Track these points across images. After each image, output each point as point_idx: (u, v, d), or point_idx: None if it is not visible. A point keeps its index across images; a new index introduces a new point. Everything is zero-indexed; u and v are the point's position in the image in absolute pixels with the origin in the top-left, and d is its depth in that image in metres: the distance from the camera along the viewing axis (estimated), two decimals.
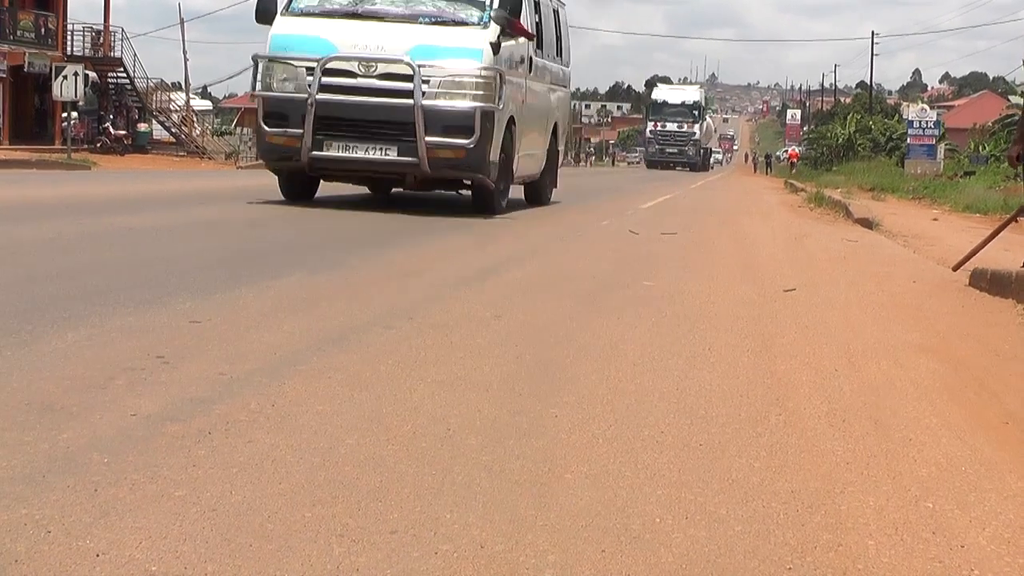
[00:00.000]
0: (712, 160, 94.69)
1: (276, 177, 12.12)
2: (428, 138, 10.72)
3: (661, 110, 69.39)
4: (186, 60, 44.81)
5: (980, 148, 39.09)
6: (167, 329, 4.30)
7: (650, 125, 70.24)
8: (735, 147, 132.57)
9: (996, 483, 2.94)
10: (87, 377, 3.43)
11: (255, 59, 11.52)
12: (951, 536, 2.51)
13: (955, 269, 7.75)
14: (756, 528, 2.47)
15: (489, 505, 2.51)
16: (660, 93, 72.87)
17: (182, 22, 45.24)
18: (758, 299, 6.33)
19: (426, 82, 10.78)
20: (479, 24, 11.32)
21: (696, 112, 68.65)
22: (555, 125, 14.66)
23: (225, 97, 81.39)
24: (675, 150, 67.40)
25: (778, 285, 6.95)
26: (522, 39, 12.25)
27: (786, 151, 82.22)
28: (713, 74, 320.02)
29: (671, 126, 68.00)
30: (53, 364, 3.58)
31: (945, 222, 15.95)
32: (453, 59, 11.01)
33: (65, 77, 27.83)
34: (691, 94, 72.10)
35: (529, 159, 13.24)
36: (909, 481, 2.91)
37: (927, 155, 35.88)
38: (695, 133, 68.01)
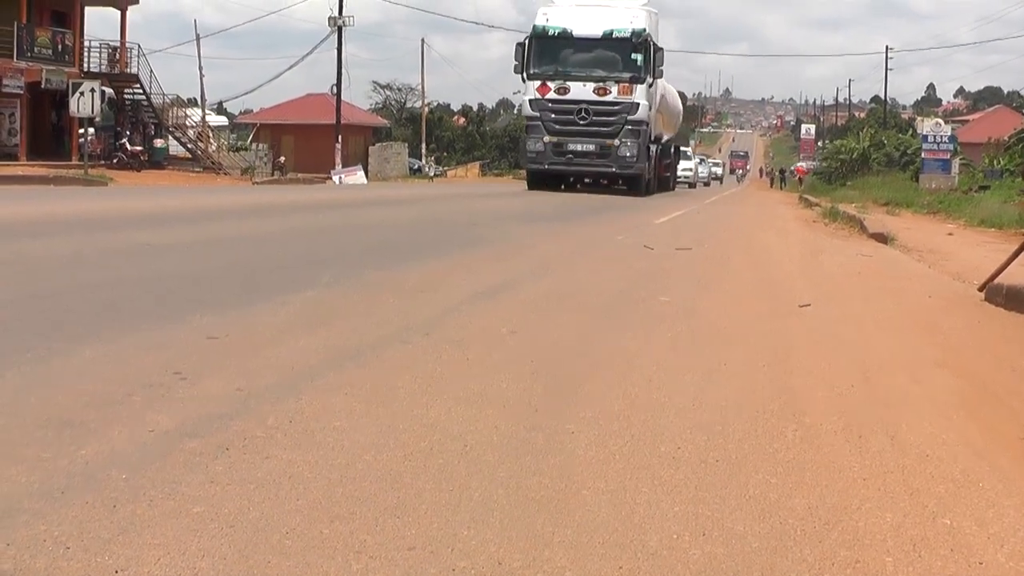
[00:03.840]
0: (705, 173, 77.17)
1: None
2: None
3: (556, 54, 30.43)
4: (202, 76, 45.12)
5: (995, 163, 38.89)
6: (184, 345, 4.31)
7: (532, 91, 30.30)
8: (748, 166, 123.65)
9: (1014, 499, 2.92)
10: (105, 393, 3.44)
11: None
12: (969, 553, 2.50)
13: (981, 289, 7.70)
14: (773, 544, 2.47)
15: (507, 522, 2.51)
16: (554, 16, 31.20)
17: (198, 38, 45.55)
18: (773, 314, 6.32)
19: None
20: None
21: (638, 58, 30.28)
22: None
23: (241, 113, 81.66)
24: (591, 146, 29.98)
25: (793, 300, 6.93)
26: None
27: (794, 167, 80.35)
28: (727, 89, 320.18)
29: (579, 90, 30.03)
30: (71, 380, 3.60)
31: (960, 237, 15.89)
32: None
33: (82, 93, 28.02)
34: (621, 17, 31.08)
35: None
36: (926, 497, 2.90)
37: (942, 170, 35.75)
38: (636, 107, 30.01)
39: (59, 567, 2.12)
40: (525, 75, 30.42)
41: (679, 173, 52.05)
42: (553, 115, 30.15)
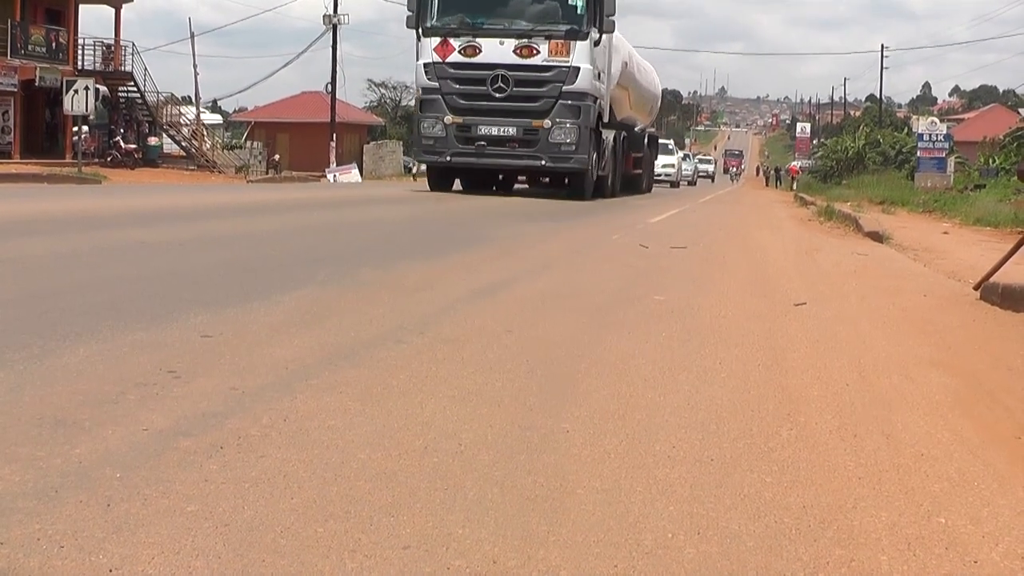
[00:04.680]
0: (691, 170, 66.88)
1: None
2: None
3: (462, 1, 22.28)
4: (196, 74, 45.02)
5: (990, 161, 38.95)
6: (179, 344, 4.31)
7: (429, 52, 21.83)
8: (743, 164, 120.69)
9: (1009, 498, 2.93)
10: (99, 392, 3.44)
11: None
12: (964, 552, 2.50)
13: (977, 288, 7.71)
14: (768, 543, 2.47)
15: (501, 520, 2.50)
16: None
17: (192, 36, 45.52)
18: (769, 313, 6.32)
19: None
20: None
21: (578, 3, 21.87)
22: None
23: (235, 111, 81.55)
24: (511, 129, 21.57)
25: (789, 299, 6.94)
26: None
27: (788, 167, 78.97)
28: (723, 88, 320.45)
29: (494, 49, 21.57)
30: (65, 379, 3.59)
31: (956, 235, 15.91)
32: None
33: (76, 91, 27.96)
34: None
35: None
36: (922, 496, 2.90)
37: (937, 168, 35.80)
38: (575, 73, 21.41)
39: (53, 566, 2.11)
40: (420, 30, 21.72)
41: (658, 170, 44.09)
42: (457, 85, 21.40)
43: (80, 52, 39.58)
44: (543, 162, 21.70)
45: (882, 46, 74.42)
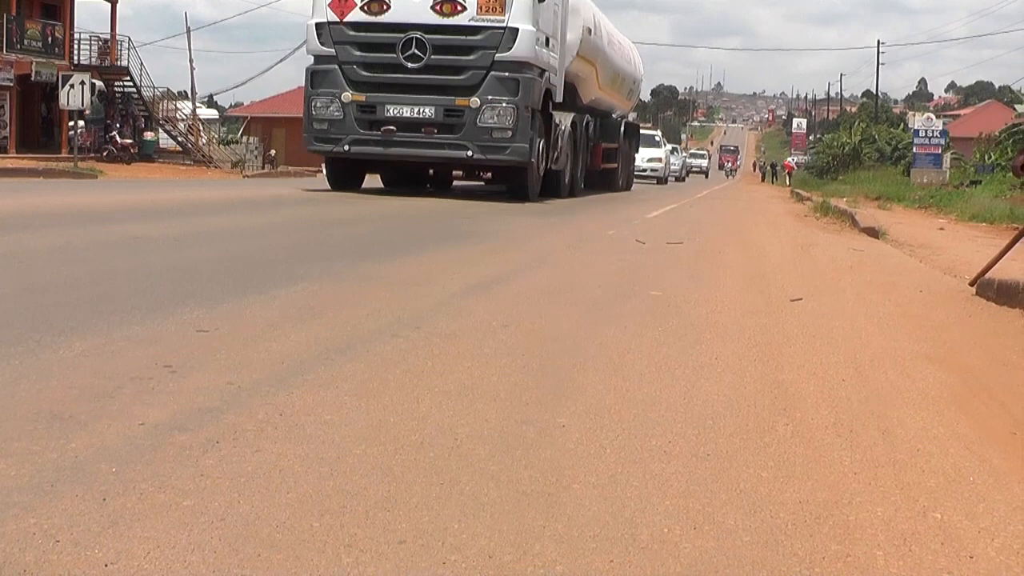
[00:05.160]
0: (679, 165, 59.67)
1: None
2: None
3: None
4: (192, 69, 44.99)
5: (986, 157, 38.98)
6: (174, 338, 4.30)
7: (323, 10, 17.33)
8: (739, 160, 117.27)
9: (1005, 493, 2.93)
10: (95, 386, 3.43)
11: None
12: (960, 547, 2.50)
13: (972, 284, 7.72)
14: (764, 538, 2.47)
15: (497, 515, 2.50)
16: None
17: (188, 31, 45.49)
18: (765, 309, 6.32)
19: None
20: None
21: None
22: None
23: (231, 106, 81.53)
24: (428, 110, 16.86)
25: (785, 295, 6.94)
26: None
27: (783, 163, 77.90)
28: (719, 83, 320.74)
29: (406, 6, 16.93)
30: (61, 373, 3.59)
31: (951, 231, 15.92)
32: None
33: (72, 86, 27.92)
34: None
35: None
36: (917, 491, 2.90)
37: (933, 164, 35.85)
38: (512, 36, 16.69)
39: (49, 560, 2.11)
40: None
41: (642, 165, 40.33)
42: (359, 53, 16.84)
43: (76, 47, 39.52)
44: (469, 153, 16.72)
45: (878, 42, 74.35)
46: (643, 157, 40.27)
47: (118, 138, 37.49)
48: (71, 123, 32.61)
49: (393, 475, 2.75)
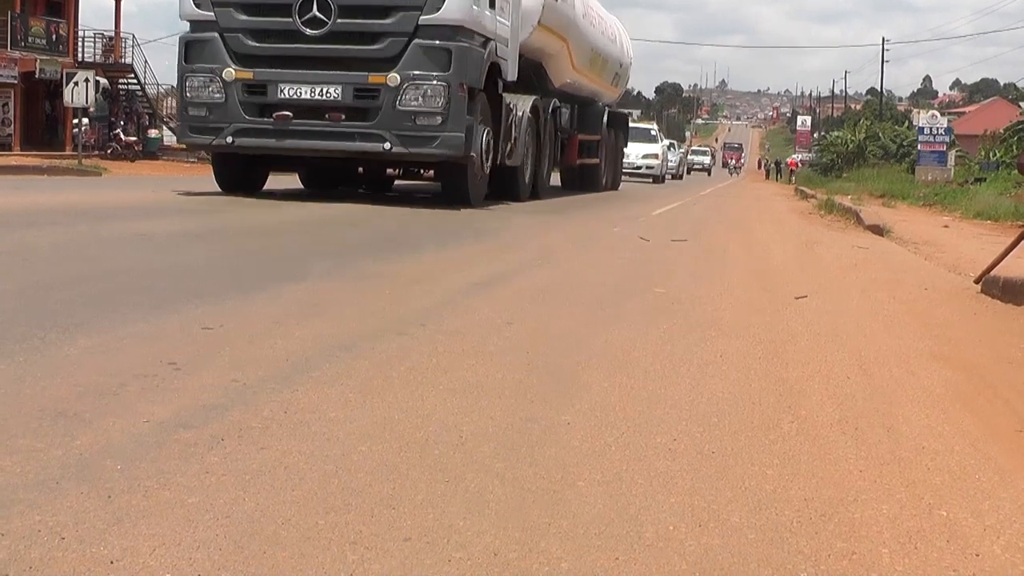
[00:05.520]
0: (676, 161, 53.20)
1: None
2: None
3: None
4: None
5: (991, 155, 38.93)
6: (179, 336, 4.30)
7: None
8: (743, 158, 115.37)
9: (1010, 491, 2.92)
10: (100, 384, 3.43)
11: None
12: (965, 545, 2.50)
13: (977, 282, 7.71)
14: (769, 536, 2.47)
15: (502, 512, 2.50)
16: None
17: None
18: (769, 306, 6.32)
19: None
20: None
21: None
22: None
23: None
24: (333, 90, 13.16)
25: (789, 292, 6.93)
26: None
27: (787, 160, 76.93)
28: (723, 80, 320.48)
29: None
30: (66, 370, 3.59)
31: (956, 229, 15.90)
32: None
33: (76, 83, 27.91)
34: None
35: None
36: (923, 489, 2.90)
37: (937, 162, 35.82)
38: None
39: (54, 557, 2.11)
40: None
41: (636, 162, 37.02)
42: (245, 16, 13.46)
43: (80, 44, 39.57)
44: (386, 145, 12.91)
45: (883, 39, 74.28)
46: (638, 153, 37.55)
47: (122, 135, 37.52)
48: (75, 120, 32.62)
49: (398, 472, 2.75)
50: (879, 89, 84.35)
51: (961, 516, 2.70)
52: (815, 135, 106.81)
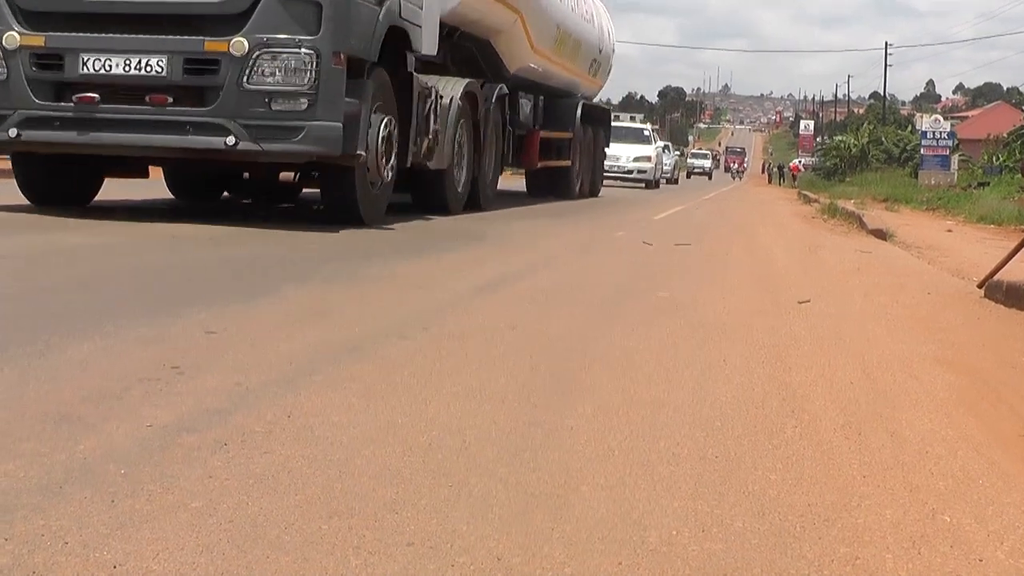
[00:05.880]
0: (671, 165, 49.86)
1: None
2: None
3: None
4: None
5: (994, 159, 38.92)
6: (182, 339, 4.31)
7: None
8: (746, 162, 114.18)
9: (1014, 496, 2.92)
10: (103, 388, 3.44)
11: None
12: (969, 550, 2.49)
13: (981, 286, 7.71)
14: (773, 541, 2.47)
15: (505, 517, 2.50)
16: None
17: None
18: (772, 310, 6.32)
19: None
20: None
21: None
22: None
23: None
24: (157, 62, 8.87)
25: (792, 296, 6.93)
26: None
27: (790, 165, 76.31)
28: (726, 84, 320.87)
29: None
30: (69, 374, 3.59)
31: (960, 233, 15.90)
32: None
33: None
34: None
35: None
36: (926, 494, 2.90)
37: (941, 166, 35.84)
38: None
39: (57, 562, 2.11)
40: None
41: (627, 165, 34.66)
42: None
43: None
44: (230, 139, 8.95)
45: (886, 43, 74.19)
46: (629, 156, 35.05)
47: None
48: None
49: (401, 477, 2.75)
50: (882, 93, 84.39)
51: (965, 521, 2.69)
52: (818, 139, 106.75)
